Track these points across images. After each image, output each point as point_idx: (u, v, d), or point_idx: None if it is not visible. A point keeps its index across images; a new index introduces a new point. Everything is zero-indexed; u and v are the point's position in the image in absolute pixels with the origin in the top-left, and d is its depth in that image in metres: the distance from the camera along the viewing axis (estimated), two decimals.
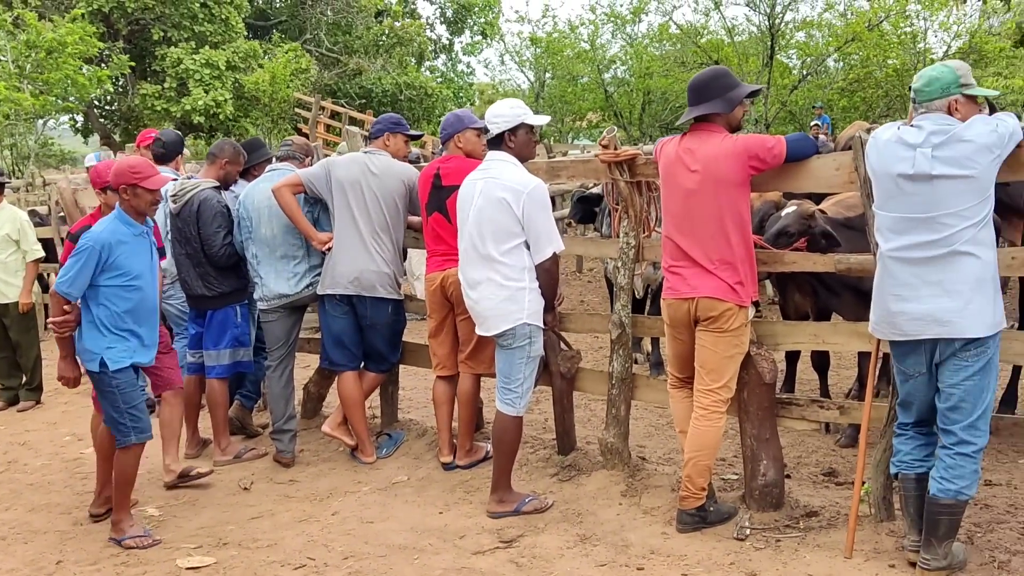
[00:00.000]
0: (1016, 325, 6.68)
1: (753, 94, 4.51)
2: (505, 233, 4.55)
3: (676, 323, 4.49)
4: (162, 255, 5.08)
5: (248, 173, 6.18)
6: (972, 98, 3.84)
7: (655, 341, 7.86)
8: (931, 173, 3.68)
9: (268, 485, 5.48)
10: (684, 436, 4.53)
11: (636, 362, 8.02)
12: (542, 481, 5.16)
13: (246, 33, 28.07)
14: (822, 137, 14.31)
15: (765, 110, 23.68)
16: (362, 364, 5.73)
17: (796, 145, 4.32)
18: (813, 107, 23.12)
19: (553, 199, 14.28)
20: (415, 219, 5.63)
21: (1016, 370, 6.11)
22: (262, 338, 6.00)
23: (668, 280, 4.49)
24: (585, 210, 8.44)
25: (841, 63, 25.63)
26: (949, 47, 24.52)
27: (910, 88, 3.94)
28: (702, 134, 4.34)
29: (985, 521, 4.40)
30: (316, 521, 4.86)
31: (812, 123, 19.28)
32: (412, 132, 5.87)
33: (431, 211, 5.28)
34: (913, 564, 3.92)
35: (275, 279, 5.67)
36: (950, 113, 3.77)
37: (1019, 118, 5.88)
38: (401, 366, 6.18)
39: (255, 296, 5.82)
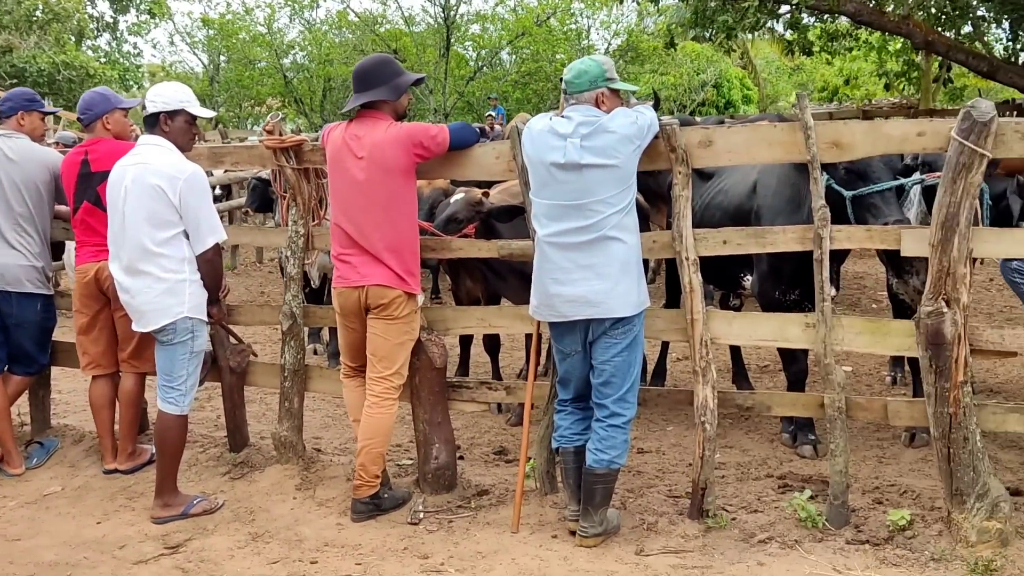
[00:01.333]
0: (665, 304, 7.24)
1: (418, 82, 4.56)
2: (161, 222, 4.29)
3: (347, 312, 4.45)
4: None
5: None
6: (616, 92, 4.10)
7: (333, 331, 7.77)
8: (580, 162, 3.88)
9: None
10: (358, 425, 4.51)
11: (316, 352, 7.95)
12: (213, 481, 4.94)
13: None
14: (497, 127, 14.84)
15: (443, 100, 24.21)
16: (6, 367, 5.20)
17: (459, 134, 4.42)
18: (489, 98, 23.93)
19: (230, 187, 13.84)
20: (63, 208, 5.19)
21: (664, 346, 6.63)
22: None
23: (338, 268, 4.44)
24: (263, 198, 8.20)
25: (514, 56, 26.73)
26: (610, 44, 26.30)
27: (561, 80, 4.14)
28: (368, 121, 4.32)
29: (637, 487, 4.74)
30: None
31: (487, 113, 19.92)
32: (48, 109, 5.40)
33: (80, 200, 4.87)
34: (573, 532, 4.14)
35: None
36: (597, 105, 4.00)
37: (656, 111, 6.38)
38: (57, 368, 5.69)
39: None
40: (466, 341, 6.57)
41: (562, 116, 4.02)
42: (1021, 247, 3.84)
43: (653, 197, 7.00)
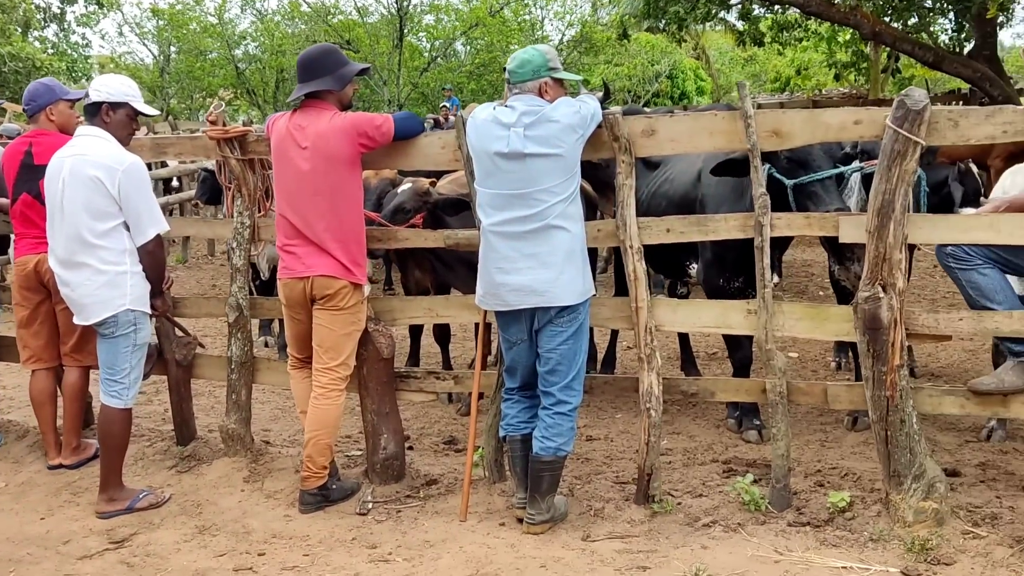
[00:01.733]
0: (615, 293, 7.29)
1: (363, 72, 4.54)
2: (100, 214, 4.24)
3: (293, 303, 4.44)
4: None
5: None
6: (560, 81, 4.12)
7: (283, 322, 7.72)
8: (524, 151, 3.90)
9: None
10: (306, 416, 4.50)
11: (267, 345, 7.90)
12: (160, 475, 4.90)
13: None
14: (452, 118, 14.80)
15: (398, 91, 24.11)
16: None
17: (403, 123, 4.42)
18: (443, 89, 23.86)
19: (181, 178, 13.69)
20: (2, 200, 5.11)
21: (614, 334, 6.68)
22: None
23: (283, 259, 4.43)
24: (213, 190, 8.10)
25: (468, 47, 26.68)
26: (564, 35, 26.34)
27: (504, 69, 4.15)
28: (312, 111, 4.31)
29: (585, 473, 4.78)
30: None
31: (442, 104, 19.89)
32: None
33: (20, 191, 4.80)
34: (521, 520, 4.17)
35: None
36: (540, 95, 4.02)
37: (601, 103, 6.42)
38: (1, 363, 5.62)
39: None
40: (416, 331, 6.57)
41: (506, 105, 4.03)
42: (954, 233, 3.92)
43: (603, 187, 7.03)
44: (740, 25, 17.18)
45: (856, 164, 4.83)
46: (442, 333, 6.42)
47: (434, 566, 3.87)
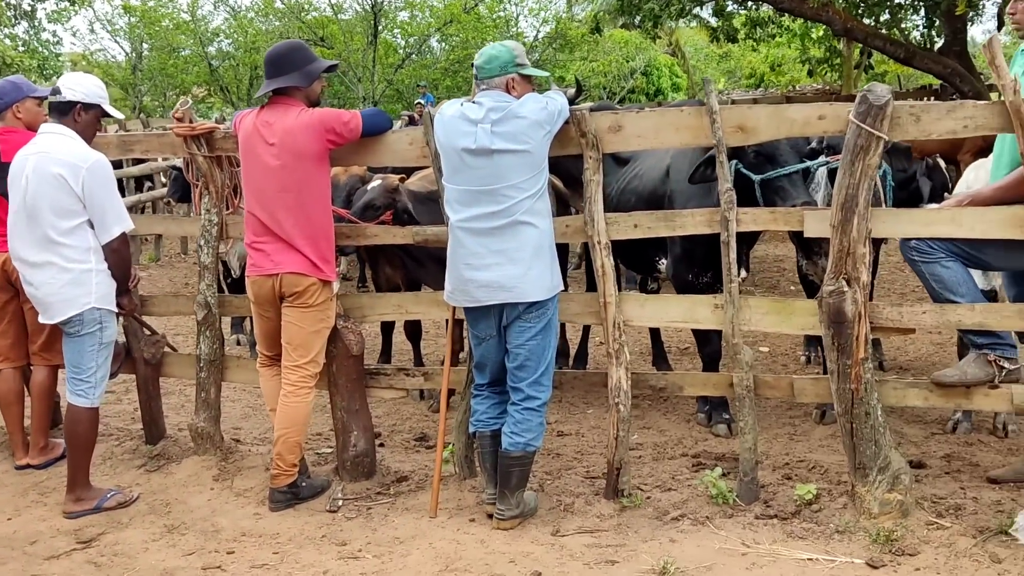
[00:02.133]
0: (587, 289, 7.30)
1: (330, 69, 4.54)
2: (64, 212, 4.21)
3: (261, 300, 4.42)
4: None
5: None
6: (528, 77, 4.12)
7: None
8: (491, 148, 3.91)
9: None
10: (275, 414, 4.49)
11: (239, 343, 7.87)
12: (128, 474, 4.88)
13: None
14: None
15: (372, 88, 24.03)
16: None
17: (372, 120, 4.42)
18: (418, 86, 23.81)
19: (151, 176, 13.59)
20: None
21: (586, 330, 6.70)
22: None
23: (251, 256, 4.42)
24: (185, 187, 8.05)
25: (443, 44, 26.62)
26: (538, 32, 26.34)
27: (472, 65, 4.16)
28: (280, 107, 4.30)
29: (556, 469, 4.80)
30: None
31: (416, 101, 19.84)
32: None
33: None
34: (491, 516, 4.17)
35: None
36: (508, 91, 4.02)
37: (574, 99, 6.43)
38: None
39: None
40: (387, 328, 6.56)
41: (473, 102, 4.04)
42: (916, 227, 3.96)
43: (574, 183, 7.04)
44: (714, 21, 17.26)
45: (822, 159, 4.87)
46: (413, 330, 6.41)
47: (403, 562, 3.87)
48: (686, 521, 4.08)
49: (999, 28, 12.55)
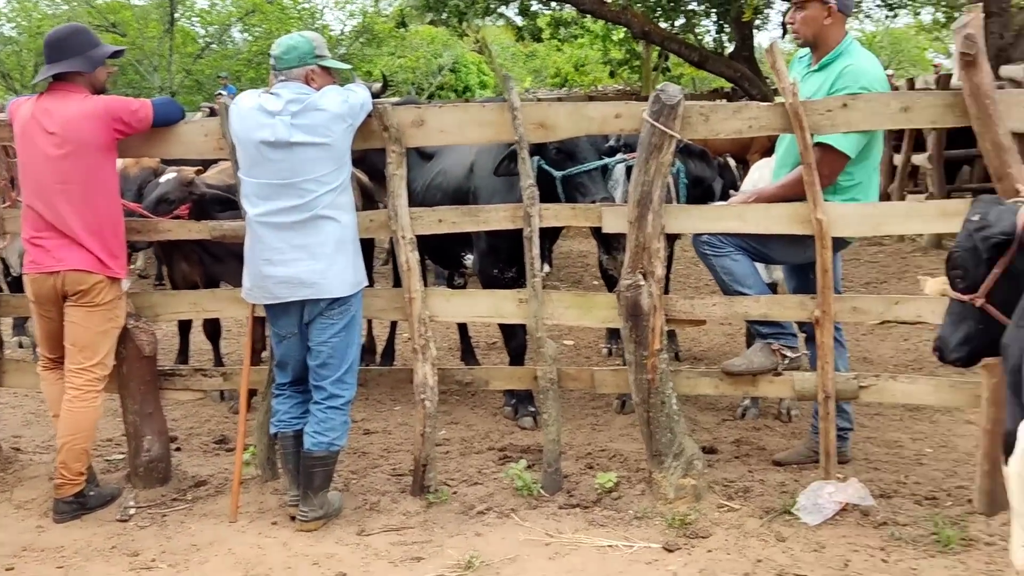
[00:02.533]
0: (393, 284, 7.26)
1: (116, 54, 4.31)
2: None
3: (42, 299, 4.15)
4: None
5: None
6: (327, 69, 4.04)
7: None
8: (290, 140, 3.81)
9: None
10: (59, 420, 4.22)
11: (21, 346, 7.35)
12: None
13: None
14: None
15: (170, 78, 23.03)
16: None
17: (163, 109, 4.23)
18: (219, 77, 22.98)
19: None
20: None
21: (393, 326, 6.64)
22: None
23: (30, 253, 4.15)
24: None
25: (246, 34, 25.82)
26: (345, 25, 25.98)
27: (269, 55, 4.04)
28: (60, 94, 4.07)
29: (362, 468, 4.73)
30: None
31: (217, 92, 19.15)
32: None
33: None
34: (294, 518, 4.08)
35: None
36: (307, 82, 3.93)
37: (380, 94, 6.37)
38: None
39: None
40: (185, 327, 6.29)
41: (271, 93, 3.92)
42: (706, 223, 4.15)
43: (380, 178, 6.96)
44: (519, 21, 17.50)
45: (620, 156, 5.01)
46: (213, 329, 6.18)
47: (201, 570, 3.73)
48: (492, 514, 4.11)
49: (783, 35, 13.29)
